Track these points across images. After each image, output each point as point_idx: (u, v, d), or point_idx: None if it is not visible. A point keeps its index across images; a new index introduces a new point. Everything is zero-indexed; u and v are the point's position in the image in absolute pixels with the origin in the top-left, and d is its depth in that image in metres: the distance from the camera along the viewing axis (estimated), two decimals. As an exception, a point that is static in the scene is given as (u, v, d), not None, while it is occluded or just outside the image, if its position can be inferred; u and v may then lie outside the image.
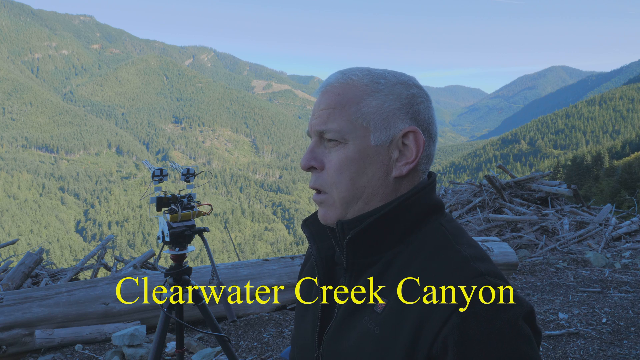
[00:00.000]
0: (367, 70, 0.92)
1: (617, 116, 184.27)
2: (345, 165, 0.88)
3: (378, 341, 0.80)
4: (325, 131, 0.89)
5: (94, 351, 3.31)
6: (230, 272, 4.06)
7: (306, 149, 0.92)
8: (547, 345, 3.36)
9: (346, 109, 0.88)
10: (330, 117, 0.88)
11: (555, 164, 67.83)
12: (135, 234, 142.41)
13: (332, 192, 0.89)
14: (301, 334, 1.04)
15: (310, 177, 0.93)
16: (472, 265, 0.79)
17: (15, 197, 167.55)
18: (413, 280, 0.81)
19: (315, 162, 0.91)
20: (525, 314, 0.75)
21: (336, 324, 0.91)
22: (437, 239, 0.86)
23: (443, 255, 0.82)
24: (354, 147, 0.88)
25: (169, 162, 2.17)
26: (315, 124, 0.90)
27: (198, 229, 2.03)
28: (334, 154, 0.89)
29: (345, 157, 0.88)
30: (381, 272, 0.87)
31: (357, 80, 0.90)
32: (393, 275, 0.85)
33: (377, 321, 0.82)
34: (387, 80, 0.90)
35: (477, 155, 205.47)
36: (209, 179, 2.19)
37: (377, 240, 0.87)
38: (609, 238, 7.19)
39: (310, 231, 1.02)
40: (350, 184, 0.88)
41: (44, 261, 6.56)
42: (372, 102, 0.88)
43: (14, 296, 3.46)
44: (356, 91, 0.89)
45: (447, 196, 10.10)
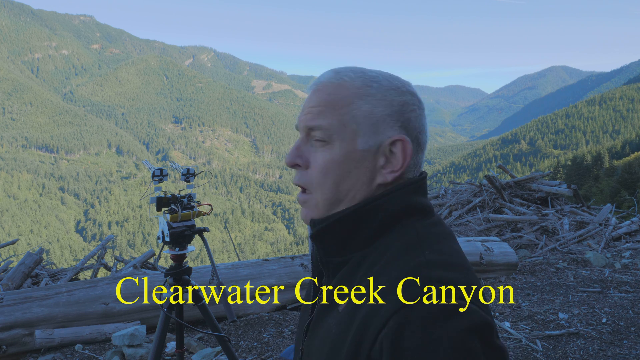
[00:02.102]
0: (360, 71, 0.90)
1: (617, 116, 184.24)
2: (331, 167, 0.86)
3: (333, 340, 0.80)
4: (314, 127, 0.88)
5: (94, 351, 3.31)
6: (230, 272, 4.06)
7: (292, 146, 0.92)
8: (547, 345, 3.36)
9: (337, 109, 0.87)
10: (320, 115, 0.87)
11: (555, 164, 67.88)
12: (135, 234, 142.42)
13: (316, 192, 0.88)
14: (299, 331, 1.06)
15: (295, 174, 0.92)
16: (426, 270, 0.75)
17: (15, 197, 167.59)
18: (367, 281, 0.80)
19: (301, 159, 0.90)
20: (476, 326, 0.68)
21: (313, 321, 0.94)
22: (402, 243, 0.82)
23: (402, 259, 0.79)
24: (340, 149, 0.86)
25: (169, 162, 2.17)
26: (305, 120, 0.89)
27: (198, 229, 2.03)
28: (319, 154, 0.88)
29: (331, 159, 0.86)
30: (349, 273, 0.86)
31: (349, 82, 0.89)
32: (360, 275, 0.84)
33: (336, 320, 0.83)
34: (380, 85, 0.88)
35: (477, 155, 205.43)
36: (209, 179, 2.19)
37: (344, 239, 0.87)
38: (609, 238, 7.19)
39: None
40: (334, 187, 0.87)
41: (44, 261, 6.55)
42: (362, 105, 0.86)
43: (14, 296, 3.46)
44: (347, 93, 0.87)
45: (447, 196, 10.10)
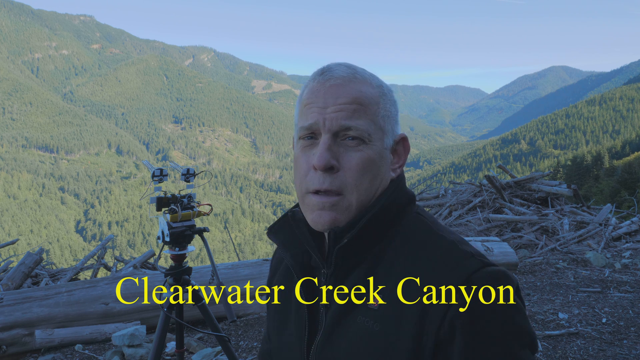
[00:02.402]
0: (363, 69, 0.90)
1: (617, 116, 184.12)
2: (368, 167, 0.84)
3: (379, 337, 0.80)
4: (352, 127, 0.83)
5: (94, 351, 3.31)
6: (230, 272, 4.06)
7: (321, 147, 0.84)
8: (547, 345, 3.36)
9: (370, 108, 0.85)
10: (355, 114, 0.83)
11: (555, 164, 67.86)
12: (135, 234, 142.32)
13: (352, 194, 0.84)
14: (284, 348, 0.98)
15: (318, 178, 0.84)
16: (456, 248, 0.82)
17: (15, 197, 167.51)
18: (402, 271, 0.82)
19: (336, 161, 0.84)
20: (516, 288, 0.79)
21: (327, 328, 0.88)
22: (420, 229, 0.86)
23: (431, 244, 0.83)
24: (375, 148, 0.85)
25: (169, 162, 2.17)
26: (339, 117, 0.83)
27: (198, 229, 2.03)
28: (355, 154, 0.84)
29: (369, 158, 0.84)
30: (370, 269, 0.85)
31: (369, 79, 0.88)
32: (384, 270, 0.84)
33: (375, 318, 0.81)
34: (386, 85, 0.90)
35: (477, 155, 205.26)
36: (209, 179, 2.19)
37: (366, 239, 0.86)
38: (609, 238, 7.18)
39: (279, 239, 0.97)
40: (370, 186, 0.85)
41: (44, 261, 6.55)
42: (385, 104, 0.88)
43: (14, 296, 3.46)
44: (373, 91, 0.87)
45: (447, 196, 10.09)
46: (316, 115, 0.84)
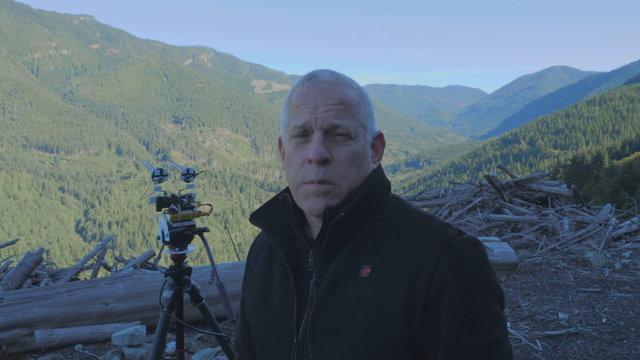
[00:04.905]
0: (343, 74, 1.03)
1: (617, 116, 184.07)
2: (355, 158, 0.97)
3: (373, 301, 0.90)
4: (340, 125, 0.96)
5: (94, 351, 3.31)
6: (230, 272, 4.06)
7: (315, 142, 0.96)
8: (547, 345, 3.36)
9: (354, 108, 0.98)
10: (342, 113, 0.97)
11: (555, 164, 67.77)
12: (135, 234, 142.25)
13: (342, 182, 0.97)
14: (270, 326, 1.05)
15: (313, 169, 0.95)
16: (435, 220, 0.97)
17: (15, 197, 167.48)
18: (390, 243, 0.94)
19: (329, 154, 0.96)
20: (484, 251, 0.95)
21: (319, 301, 0.96)
22: (400, 209, 1.00)
23: (412, 219, 0.97)
24: (360, 142, 0.99)
25: (169, 162, 2.17)
26: (329, 117, 0.96)
27: (198, 229, 2.03)
28: (343, 148, 0.97)
29: (355, 151, 0.97)
30: (360, 244, 0.97)
31: (350, 83, 1.02)
32: (373, 243, 0.96)
33: (367, 284, 0.91)
34: (363, 88, 1.04)
35: (477, 155, 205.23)
36: (209, 179, 2.19)
37: (356, 217, 0.97)
38: (609, 238, 7.18)
39: (263, 223, 1.07)
40: (357, 175, 0.98)
41: (44, 261, 6.55)
42: (365, 104, 1.02)
43: (14, 296, 3.46)
44: (355, 93, 1.00)
45: (447, 196, 10.07)
46: (308, 115, 0.96)
